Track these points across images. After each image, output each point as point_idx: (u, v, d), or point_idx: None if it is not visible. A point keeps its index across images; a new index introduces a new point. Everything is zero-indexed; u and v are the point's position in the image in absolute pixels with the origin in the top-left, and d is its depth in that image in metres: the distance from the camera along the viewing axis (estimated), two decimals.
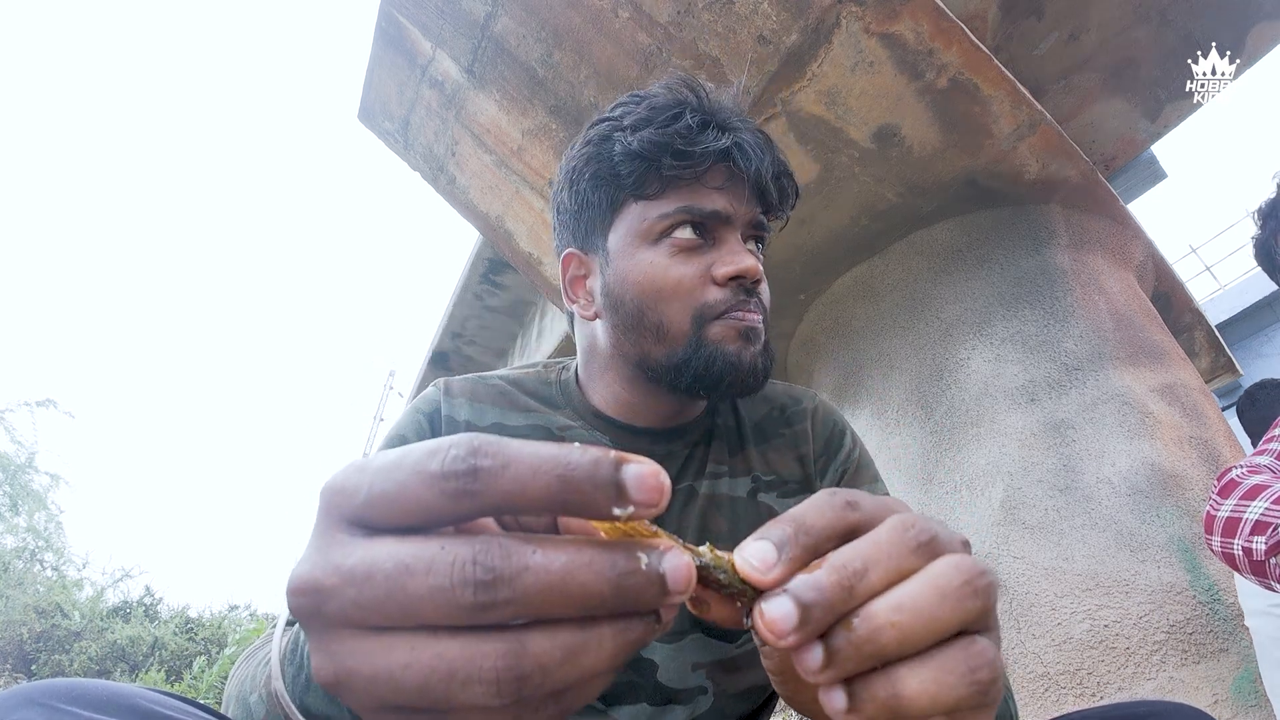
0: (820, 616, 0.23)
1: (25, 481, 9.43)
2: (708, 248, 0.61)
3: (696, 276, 0.60)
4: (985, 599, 0.24)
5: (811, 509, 0.26)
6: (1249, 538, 0.88)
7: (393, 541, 0.21)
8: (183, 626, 10.16)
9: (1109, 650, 1.38)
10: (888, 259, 2.09)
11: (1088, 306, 1.82)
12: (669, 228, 0.60)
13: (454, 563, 0.20)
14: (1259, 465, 1.01)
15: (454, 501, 0.21)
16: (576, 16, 1.69)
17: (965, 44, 1.55)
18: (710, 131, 0.60)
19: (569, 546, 0.21)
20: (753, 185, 0.61)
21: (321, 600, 0.21)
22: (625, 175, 0.61)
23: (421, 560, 0.20)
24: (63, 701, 0.33)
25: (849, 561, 0.24)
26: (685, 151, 0.58)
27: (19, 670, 8.04)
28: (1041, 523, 1.55)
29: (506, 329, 5.21)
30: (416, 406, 0.66)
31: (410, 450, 0.22)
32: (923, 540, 0.25)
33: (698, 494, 0.66)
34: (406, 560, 0.20)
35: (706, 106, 0.61)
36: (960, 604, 0.24)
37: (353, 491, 0.22)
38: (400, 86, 2.27)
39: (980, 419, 1.75)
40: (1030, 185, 1.90)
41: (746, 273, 0.59)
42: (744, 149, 0.59)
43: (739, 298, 0.59)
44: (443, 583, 0.20)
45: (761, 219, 0.63)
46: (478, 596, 0.20)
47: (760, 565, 0.25)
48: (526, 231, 2.35)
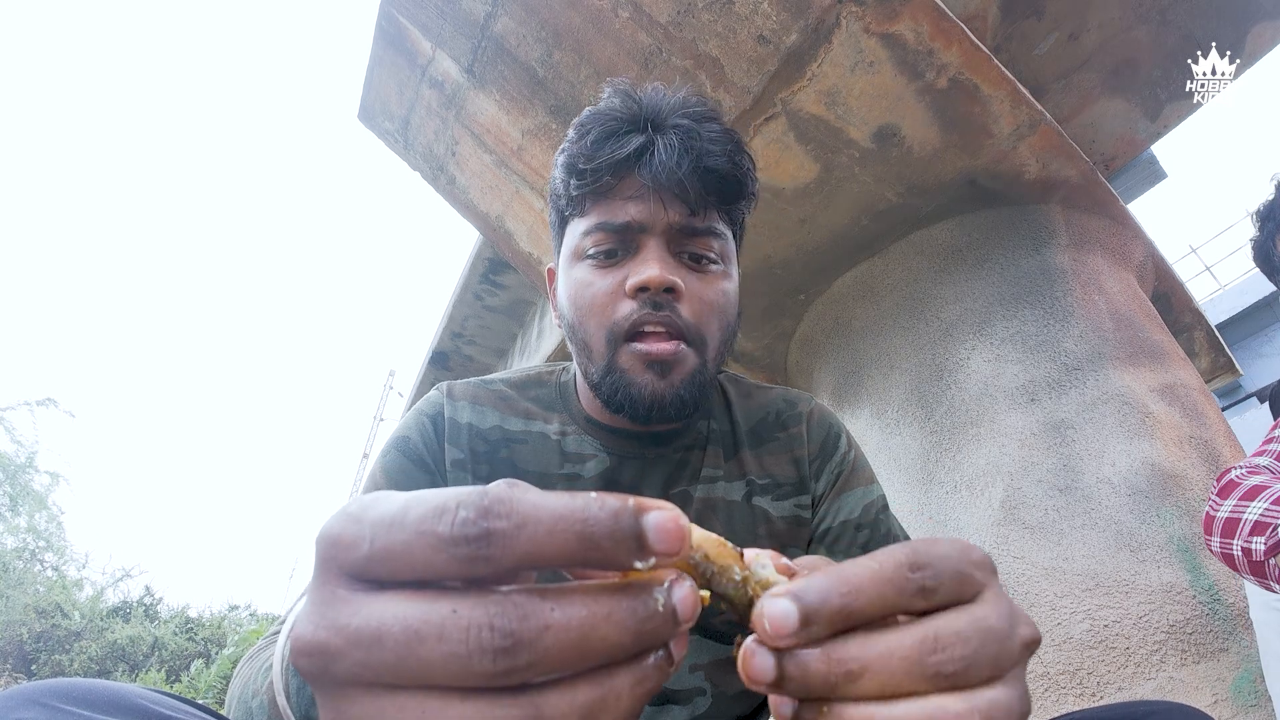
0: (793, 689, 0.23)
1: (26, 481, 9.42)
2: (626, 259, 0.60)
3: (609, 292, 0.59)
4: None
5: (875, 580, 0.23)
6: (1248, 538, 0.88)
7: (400, 600, 0.20)
8: (183, 626, 10.15)
9: (1109, 650, 1.38)
10: (888, 259, 2.09)
11: (1088, 306, 1.82)
12: (588, 243, 0.61)
13: (469, 629, 0.19)
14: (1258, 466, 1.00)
15: (466, 566, 0.20)
16: (576, 16, 1.69)
17: (965, 44, 1.55)
18: (612, 142, 0.59)
19: (587, 598, 0.20)
20: (669, 189, 0.58)
21: (328, 662, 0.20)
22: (559, 196, 0.64)
23: (432, 625, 0.19)
24: (63, 701, 0.34)
25: (848, 660, 0.23)
26: (582, 170, 0.59)
27: (19, 670, 8.04)
28: (1041, 523, 1.55)
29: (506, 329, 5.21)
30: (420, 409, 0.67)
31: (413, 503, 0.21)
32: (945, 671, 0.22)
33: (692, 498, 0.66)
34: (416, 625, 0.19)
35: (626, 113, 0.60)
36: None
37: (351, 544, 0.21)
38: (400, 86, 2.27)
39: (980, 419, 1.75)
40: (1030, 185, 1.90)
41: (649, 283, 0.57)
42: (654, 153, 0.58)
43: (644, 310, 0.58)
44: (457, 650, 0.19)
45: (691, 222, 0.60)
46: (497, 664, 0.19)
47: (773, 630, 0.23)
48: (526, 231, 2.35)
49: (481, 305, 4.99)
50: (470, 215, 2.53)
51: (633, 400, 0.59)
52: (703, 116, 0.61)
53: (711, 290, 0.61)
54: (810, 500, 0.69)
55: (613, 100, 0.62)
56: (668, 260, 0.59)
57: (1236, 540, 0.89)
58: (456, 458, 0.64)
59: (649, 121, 0.60)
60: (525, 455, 0.65)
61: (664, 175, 0.57)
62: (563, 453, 0.65)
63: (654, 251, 0.59)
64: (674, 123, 0.60)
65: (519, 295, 4.88)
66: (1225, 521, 0.92)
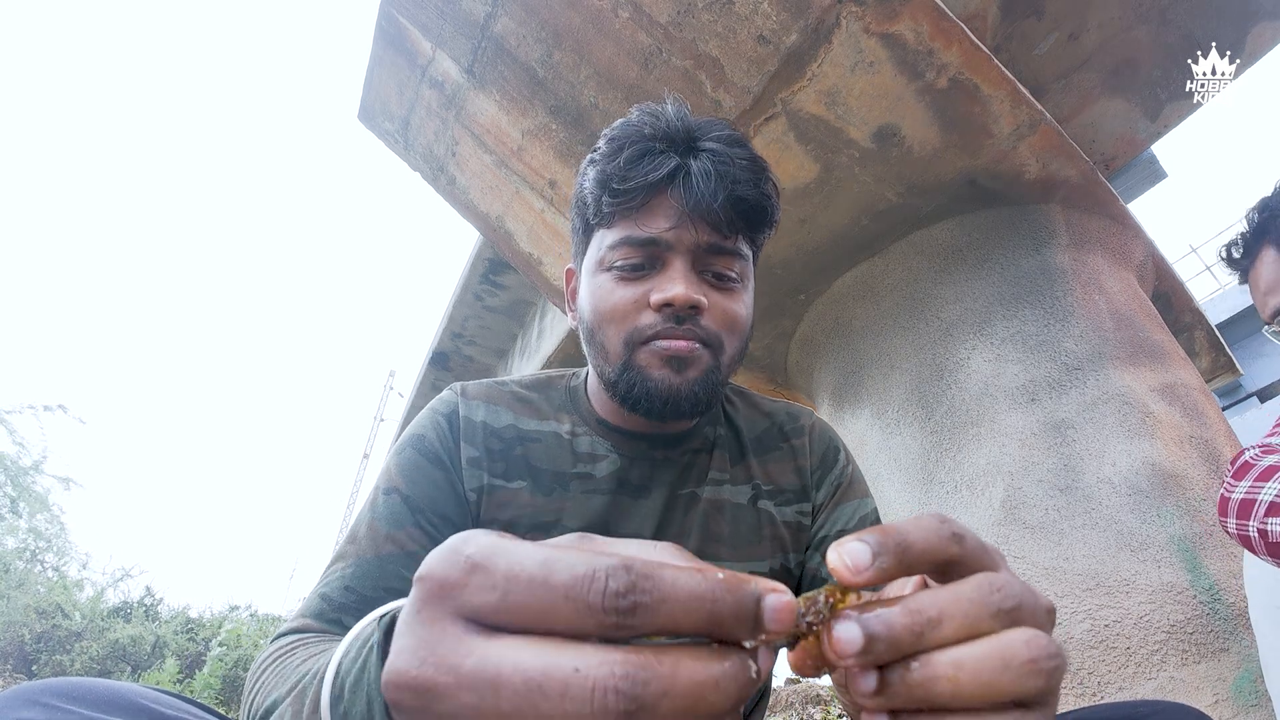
0: (883, 651, 0.24)
1: (27, 483, 9.42)
2: (652, 273, 0.62)
3: (632, 302, 0.61)
4: (1048, 680, 0.24)
5: (917, 528, 0.27)
6: (1264, 519, 0.87)
7: (521, 647, 0.21)
8: (184, 627, 10.15)
9: (1109, 650, 1.38)
10: (888, 259, 2.09)
11: (1088, 306, 1.82)
12: (614, 256, 0.62)
13: (594, 690, 0.20)
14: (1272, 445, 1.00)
15: (610, 632, 0.21)
16: (576, 16, 1.69)
17: (965, 44, 1.55)
18: (646, 162, 0.60)
19: (699, 664, 0.21)
20: (698, 212, 0.60)
21: (432, 701, 0.21)
22: (589, 206, 0.65)
23: (555, 680, 0.20)
24: (62, 700, 0.34)
25: (926, 608, 0.25)
26: (617, 190, 0.61)
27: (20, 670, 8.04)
28: (1042, 522, 1.55)
29: (506, 329, 5.21)
30: (435, 409, 0.69)
31: (554, 563, 0.21)
32: (1005, 607, 0.25)
33: (700, 499, 0.68)
34: (538, 678, 0.20)
35: (658, 133, 0.62)
36: (1021, 679, 0.24)
37: (474, 591, 0.22)
38: (400, 86, 2.27)
39: (980, 419, 1.75)
40: (1030, 185, 1.90)
41: (674, 300, 0.59)
42: (688, 177, 0.60)
43: (667, 324, 0.60)
44: (581, 709, 0.19)
45: (719, 243, 0.62)
46: None
47: (853, 565, 0.25)
48: (526, 232, 2.35)
49: (482, 305, 4.99)
50: (470, 215, 2.53)
51: (649, 394, 0.61)
52: (733, 141, 0.63)
53: (733, 304, 0.63)
54: (811, 508, 0.73)
55: (644, 117, 0.63)
56: (692, 278, 0.61)
57: (1252, 521, 0.89)
58: (472, 455, 0.65)
59: (682, 143, 0.62)
60: (539, 453, 0.67)
61: (697, 200, 0.59)
62: (574, 453, 0.67)
63: (680, 270, 0.61)
64: (705, 146, 0.61)
65: (519, 296, 4.88)
66: (1240, 503, 0.92)
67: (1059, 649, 0.25)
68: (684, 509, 0.68)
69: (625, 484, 0.67)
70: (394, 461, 0.65)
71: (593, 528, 0.64)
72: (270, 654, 0.48)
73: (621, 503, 0.66)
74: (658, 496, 0.67)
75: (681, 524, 0.67)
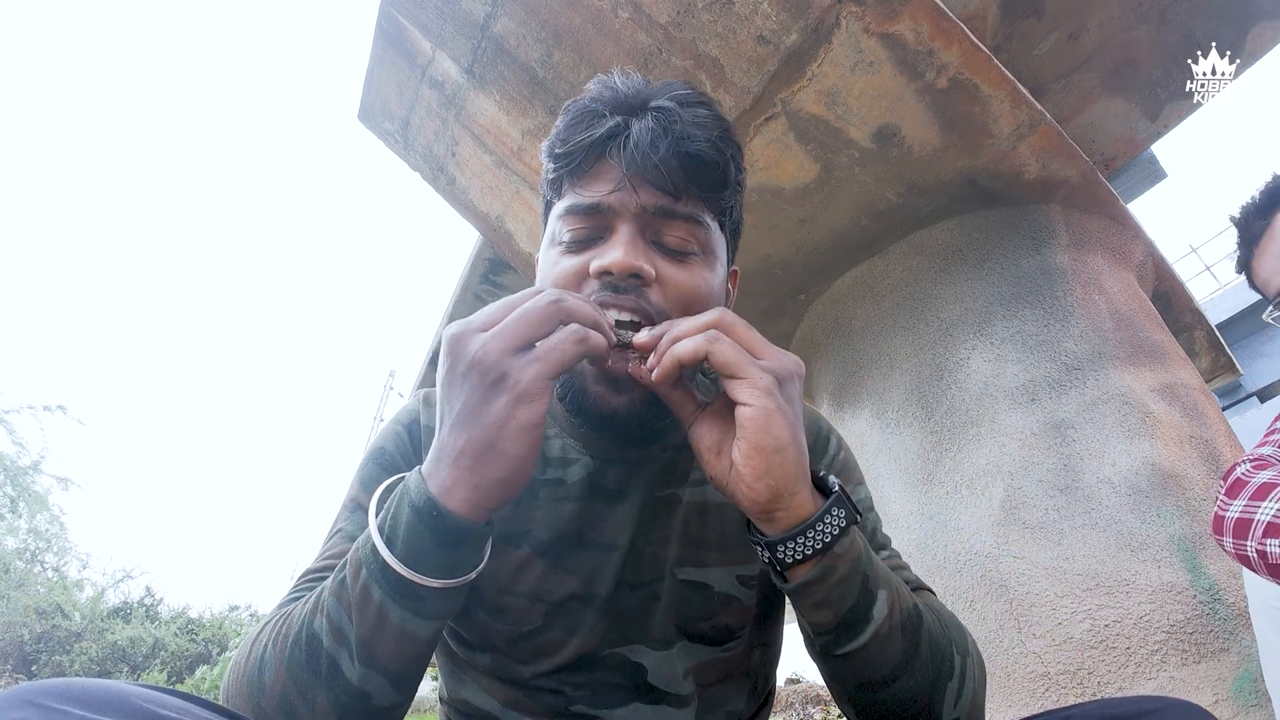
0: (655, 338, 0.51)
1: (27, 483, 9.42)
2: (598, 243, 0.58)
3: (573, 273, 0.58)
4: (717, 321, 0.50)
5: (686, 325, 0.50)
6: (1262, 540, 0.86)
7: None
8: (184, 627, 10.15)
9: (1109, 650, 1.38)
10: (888, 259, 2.09)
11: (1088, 306, 1.82)
12: (562, 228, 0.60)
13: (537, 299, 0.46)
14: (1264, 458, 0.99)
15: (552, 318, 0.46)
16: (576, 17, 1.69)
17: (965, 44, 1.55)
18: (585, 124, 0.58)
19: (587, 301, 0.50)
20: (644, 172, 0.56)
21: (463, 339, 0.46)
22: (543, 182, 0.65)
23: (520, 306, 0.46)
24: (58, 701, 0.33)
25: (679, 321, 0.51)
26: (559, 154, 0.59)
27: (19, 671, 8.03)
28: (1042, 522, 1.55)
29: None
30: (397, 418, 0.68)
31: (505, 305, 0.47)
32: (712, 319, 0.50)
33: (681, 501, 0.64)
34: (517, 302, 0.47)
35: (606, 97, 0.60)
36: (705, 327, 0.49)
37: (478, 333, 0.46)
38: (400, 86, 2.27)
39: (980, 419, 1.75)
40: (1030, 185, 1.90)
41: (611, 266, 0.55)
42: (629, 135, 0.56)
43: (604, 293, 0.55)
44: (539, 302, 0.46)
45: (669, 207, 0.57)
46: (552, 305, 0.46)
47: (638, 341, 0.52)
48: (526, 232, 2.35)
49: (482, 305, 4.98)
50: (470, 216, 2.53)
51: (582, 410, 0.59)
52: (689, 101, 0.60)
53: (689, 276, 0.58)
54: None
55: (597, 85, 0.62)
56: (638, 244, 0.57)
57: (1250, 542, 0.88)
58: None
59: (628, 105, 0.59)
60: None
61: (638, 158, 0.55)
62: (545, 457, 0.64)
63: (623, 236, 0.56)
64: (655, 106, 0.58)
65: None
66: (1236, 522, 0.91)
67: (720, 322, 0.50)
68: (664, 512, 0.64)
69: (599, 489, 0.63)
70: (358, 476, 0.64)
71: (564, 537, 0.61)
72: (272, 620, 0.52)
73: (595, 509, 0.62)
74: (634, 500, 0.63)
75: (661, 529, 0.63)
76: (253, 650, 0.49)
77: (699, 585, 0.63)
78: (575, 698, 0.60)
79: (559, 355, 0.45)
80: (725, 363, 0.47)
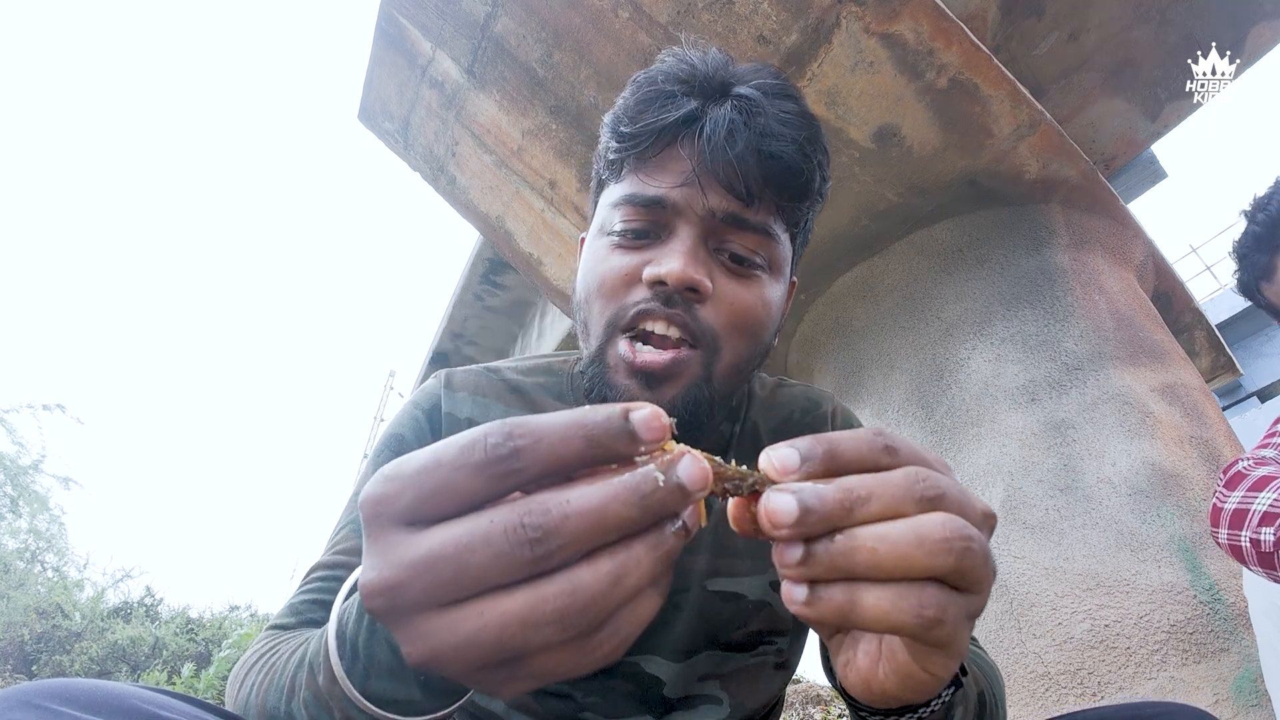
0: (814, 522, 0.26)
1: (27, 483, 9.41)
2: (655, 243, 0.52)
3: (623, 274, 0.51)
4: (960, 559, 0.26)
5: (849, 438, 0.28)
6: (1257, 529, 0.87)
7: (444, 528, 0.24)
8: (184, 627, 10.14)
9: (1109, 650, 1.38)
10: (888, 259, 2.09)
11: (1088, 306, 1.82)
12: (615, 217, 0.53)
13: (505, 530, 0.23)
14: (1265, 458, 1.00)
15: (499, 482, 0.24)
16: (576, 17, 1.69)
17: (965, 44, 1.55)
18: (658, 104, 0.50)
19: (595, 484, 0.24)
20: (716, 170, 0.49)
21: (397, 595, 0.24)
22: (599, 158, 0.57)
23: (477, 536, 0.23)
24: (55, 702, 0.33)
25: (856, 487, 0.27)
26: (625, 133, 0.52)
27: (20, 671, 8.04)
28: (1042, 522, 1.55)
29: (506, 329, 5.20)
30: (416, 401, 0.63)
31: (443, 450, 0.24)
32: (929, 495, 0.27)
33: (712, 508, 0.62)
34: (464, 540, 0.23)
35: (683, 74, 0.52)
36: (933, 555, 0.26)
37: (395, 497, 0.25)
38: (400, 87, 2.27)
39: (980, 419, 1.75)
40: (1030, 185, 1.90)
41: (667, 277, 0.48)
42: (709, 123, 0.49)
43: (651, 303, 0.49)
44: (500, 548, 0.23)
45: (739, 214, 0.50)
46: (534, 551, 0.23)
47: (780, 467, 0.28)
48: (526, 232, 2.35)
49: (482, 306, 4.99)
50: (470, 216, 2.52)
51: None
52: (776, 91, 0.52)
53: (748, 294, 0.51)
54: None
55: (674, 60, 0.53)
56: (699, 254, 0.50)
57: (1245, 531, 0.89)
58: None
59: (707, 88, 0.51)
60: None
61: (710, 153, 0.48)
62: None
63: (684, 241, 0.50)
64: (737, 92, 0.50)
65: (519, 296, 4.88)
66: (1233, 513, 0.92)
67: (975, 534, 0.27)
68: None
69: None
70: (371, 466, 0.60)
71: None
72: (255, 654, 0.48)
73: None
74: None
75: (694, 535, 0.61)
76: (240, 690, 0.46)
77: (733, 596, 0.60)
78: (585, 704, 0.59)
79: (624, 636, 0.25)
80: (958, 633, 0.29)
